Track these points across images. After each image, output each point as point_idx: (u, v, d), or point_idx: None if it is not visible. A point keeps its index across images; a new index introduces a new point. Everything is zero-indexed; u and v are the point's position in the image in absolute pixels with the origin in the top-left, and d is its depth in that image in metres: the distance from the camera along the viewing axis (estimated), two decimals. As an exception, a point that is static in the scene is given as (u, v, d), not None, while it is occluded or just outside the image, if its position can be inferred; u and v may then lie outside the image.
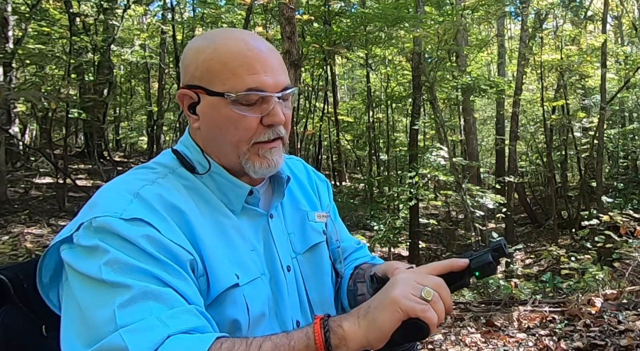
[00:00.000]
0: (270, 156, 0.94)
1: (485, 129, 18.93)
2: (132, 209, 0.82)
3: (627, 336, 2.91)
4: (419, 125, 10.26)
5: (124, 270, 0.76)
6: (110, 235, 0.79)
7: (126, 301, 0.74)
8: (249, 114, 0.91)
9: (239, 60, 0.90)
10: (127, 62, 13.94)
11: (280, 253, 0.99)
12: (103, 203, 0.84)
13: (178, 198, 0.89)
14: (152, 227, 0.81)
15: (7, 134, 9.10)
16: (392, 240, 8.93)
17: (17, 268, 0.96)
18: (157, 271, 0.78)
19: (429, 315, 0.76)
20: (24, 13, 9.54)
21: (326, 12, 10.21)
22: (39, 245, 6.66)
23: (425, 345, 3.24)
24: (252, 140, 0.92)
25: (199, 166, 0.95)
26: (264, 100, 0.91)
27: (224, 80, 0.90)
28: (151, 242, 0.80)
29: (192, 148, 0.97)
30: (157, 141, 13.28)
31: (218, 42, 0.93)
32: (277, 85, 0.92)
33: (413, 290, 0.78)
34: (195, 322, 0.77)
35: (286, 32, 5.45)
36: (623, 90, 12.48)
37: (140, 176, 0.91)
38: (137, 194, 0.85)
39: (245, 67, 0.90)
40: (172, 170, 0.94)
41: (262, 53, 0.92)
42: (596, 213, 5.81)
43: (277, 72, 0.93)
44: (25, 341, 0.92)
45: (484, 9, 10.23)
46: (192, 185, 0.94)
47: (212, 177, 0.96)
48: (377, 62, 13.40)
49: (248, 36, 0.96)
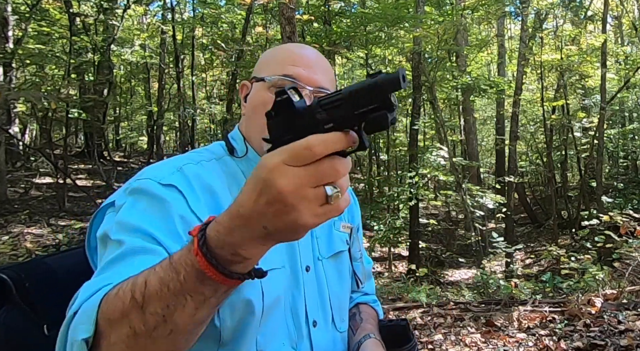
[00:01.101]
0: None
1: (485, 129, 18.92)
2: (171, 178, 0.89)
3: (627, 336, 2.91)
4: (419, 125, 10.25)
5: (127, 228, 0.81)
6: (142, 194, 0.86)
7: (116, 257, 0.77)
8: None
9: (286, 54, 1.05)
10: (127, 62, 13.95)
11: (301, 252, 1.01)
12: (149, 171, 0.92)
13: (215, 182, 0.94)
14: (183, 197, 0.87)
15: (7, 134, 9.10)
16: (392, 240, 8.94)
17: (19, 267, 0.96)
18: (157, 232, 0.81)
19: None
20: (24, 13, 9.55)
21: (326, 12, 10.21)
22: (39, 245, 6.66)
23: (425, 345, 3.24)
24: None
25: (239, 152, 1.03)
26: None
27: (269, 68, 1.03)
28: (172, 207, 0.84)
29: (237, 138, 1.06)
30: (157, 141, 13.28)
31: (280, 46, 1.13)
32: (312, 80, 1.00)
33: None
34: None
35: (286, 32, 5.46)
36: (623, 90, 12.48)
37: (188, 156, 1.00)
38: (180, 168, 0.92)
39: (288, 60, 1.02)
40: (218, 157, 1.02)
41: (309, 54, 1.05)
42: (596, 213, 5.82)
43: (316, 72, 1.02)
44: (27, 341, 0.92)
45: (484, 9, 10.24)
46: (232, 171, 1.00)
47: (251, 165, 1.00)
48: (377, 62, 13.39)
49: (305, 46, 1.12)
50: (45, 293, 0.96)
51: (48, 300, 0.95)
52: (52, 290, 0.96)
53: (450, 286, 6.86)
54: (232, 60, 11.25)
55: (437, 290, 5.67)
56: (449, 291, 5.74)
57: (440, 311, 3.89)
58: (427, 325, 3.62)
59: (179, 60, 12.48)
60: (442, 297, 4.90)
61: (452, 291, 5.76)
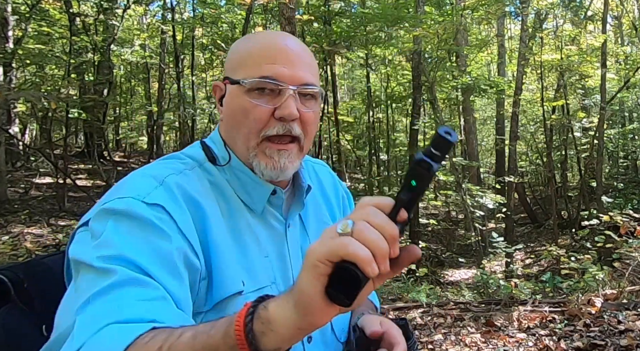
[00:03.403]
0: (278, 158, 0.91)
1: (485, 129, 18.92)
2: (155, 195, 0.82)
3: (627, 336, 2.91)
4: (419, 125, 10.25)
5: (113, 257, 0.74)
6: (125, 216, 0.78)
7: (105, 288, 0.71)
8: (261, 104, 0.89)
9: (262, 51, 0.92)
10: (127, 62, 13.94)
11: (293, 266, 0.96)
12: (130, 186, 0.84)
13: (200, 193, 0.88)
14: (170, 216, 0.80)
15: (7, 134, 9.10)
16: (392, 240, 8.91)
17: (18, 268, 0.96)
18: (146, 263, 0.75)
19: (352, 248, 0.56)
20: (24, 13, 9.54)
21: (326, 12, 10.20)
22: (39, 245, 6.66)
23: (425, 345, 3.24)
24: (262, 133, 0.90)
25: (221, 159, 0.95)
26: (280, 93, 0.90)
27: (244, 69, 0.91)
28: (159, 232, 0.78)
29: (217, 142, 0.97)
30: (157, 141, 13.28)
31: (252, 37, 0.99)
32: (295, 78, 0.90)
33: (330, 233, 0.60)
34: (159, 316, 0.70)
35: (286, 32, 5.45)
36: (623, 90, 12.48)
37: (169, 165, 0.91)
38: (163, 182, 0.85)
39: (265, 57, 0.91)
40: (200, 163, 0.94)
41: (287, 47, 0.93)
42: (596, 213, 5.81)
43: (299, 67, 0.91)
44: (25, 342, 0.92)
45: (484, 9, 10.23)
46: (216, 180, 0.93)
47: (235, 173, 0.94)
48: (377, 62, 13.38)
49: (282, 34, 0.99)
50: (45, 293, 0.96)
51: (47, 300, 0.95)
52: (51, 291, 0.95)
53: (450, 286, 6.86)
54: (232, 60, 11.21)
55: (437, 290, 5.67)
56: (449, 291, 5.73)
57: (440, 311, 3.89)
58: (427, 325, 3.62)
59: (179, 60, 12.48)
60: (442, 297, 4.90)
61: (452, 291, 5.76)
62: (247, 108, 0.90)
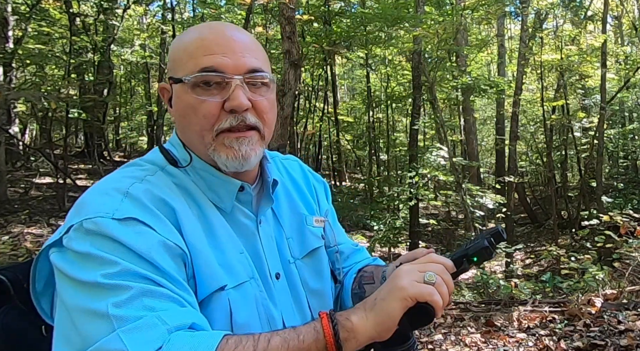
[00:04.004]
0: (238, 146, 0.87)
1: (485, 129, 18.92)
2: (123, 208, 0.78)
3: (627, 336, 2.91)
4: (419, 125, 10.25)
5: (118, 273, 0.73)
6: (102, 238, 0.75)
7: (123, 301, 0.71)
8: (208, 99, 0.86)
9: (197, 43, 0.87)
10: (127, 62, 13.95)
11: (268, 260, 0.95)
12: (92, 204, 0.80)
13: (169, 195, 0.85)
14: (148, 227, 0.78)
15: (7, 134, 9.09)
16: (392, 240, 8.93)
17: (17, 268, 0.96)
18: (153, 274, 0.75)
19: (436, 298, 0.78)
20: (24, 13, 9.54)
21: (326, 12, 10.21)
22: (39, 245, 6.65)
23: (425, 345, 3.24)
24: (215, 127, 0.87)
25: (182, 161, 0.91)
26: (226, 84, 0.86)
27: (183, 65, 0.87)
28: (147, 244, 0.77)
29: (177, 144, 0.94)
30: (157, 141, 13.27)
31: (188, 31, 0.93)
32: (239, 67, 0.86)
33: (417, 277, 0.80)
34: (197, 320, 0.75)
35: (286, 32, 5.45)
36: (623, 90, 12.48)
37: (129, 174, 0.87)
38: (127, 193, 0.81)
39: (201, 49, 0.86)
40: (162, 167, 0.91)
41: (224, 35, 0.88)
42: (596, 213, 5.81)
43: (241, 54, 0.87)
44: (25, 342, 0.92)
45: (484, 9, 10.22)
46: (181, 182, 0.90)
47: (199, 173, 0.91)
48: (377, 62, 13.39)
49: (215, 23, 0.95)
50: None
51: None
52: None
53: (450, 287, 6.84)
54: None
55: (437, 290, 5.66)
56: (449, 291, 5.72)
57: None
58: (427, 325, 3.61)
59: (179, 60, 12.46)
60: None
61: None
62: (194, 106, 0.86)
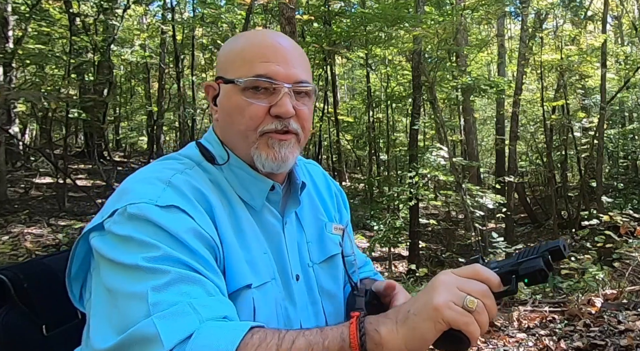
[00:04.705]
0: (279, 148, 0.92)
1: (485, 129, 18.92)
2: (166, 196, 0.82)
3: (627, 336, 2.91)
4: (419, 125, 10.24)
5: (159, 258, 0.75)
6: (145, 222, 0.78)
7: (161, 285, 0.73)
8: (256, 102, 0.91)
9: (254, 49, 0.93)
10: (127, 62, 13.95)
11: (291, 261, 0.97)
12: (136, 191, 0.83)
13: (206, 189, 0.89)
14: (187, 215, 0.81)
15: (7, 134, 9.09)
16: (392, 240, 8.93)
17: (18, 268, 0.96)
18: (191, 261, 0.77)
19: (472, 328, 0.70)
20: (24, 13, 9.54)
21: (326, 12, 10.21)
22: (39, 245, 6.66)
23: (425, 345, 3.23)
24: (260, 129, 0.91)
25: (219, 158, 0.95)
26: (275, 91, 0.91)
27: (237, 68, 0.92)
28: (187, 231, 0.79)
29: (214, 142, 0.98)
30: (157, 141, 13.29)
31: (242, 36, 1.01)
32: (290, 76, 0.92)
33: (456, 298, 0.71)
34: (228, 311, 0.76)
35: (286, 32, 5.46)
36: (623, 90, 12.47)
37: (169, 166, 0.91)
38: (169, 182, 0.85)
39: (258, 56, 0.92)
40: (198, 163, 0.94)
41: (279, 45, 0.94)
42: (596, 213, 5.81)
43: (292, 65, 0.93)
44: (26, 341, 0.92)
45: (484, 9, 10.23)
46: (215, 179, 0.93)
47: (233, 171, 0.95)
48: (377, 62, 13.39)
49: (272, 32, 1.02)
50: (45, 293, 0.96)
51: (47, 300, 0.95)
52: (51, 291, 0.95)
53: (450, 287, 6.84)
54: (232, 60, 11.21)
55: (437, 290, 5.65)
56: (449, 292, 5.72)
57: (440, 312, 3.88)
58: None
59: (179, 60, 12.48)
60: (442, 297, 4.88)
61: (452, 291, 5.74)
62: (242, 107, 0.91)
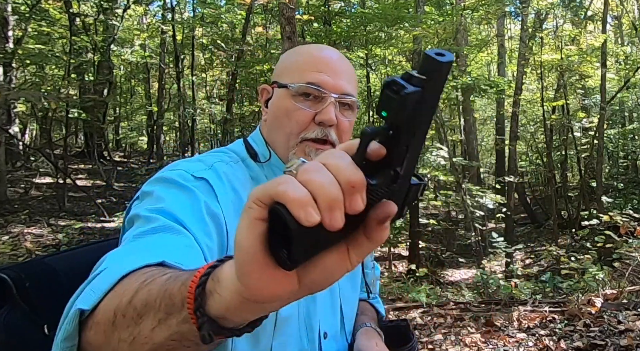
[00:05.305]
0: (314, 157, 0.94)
1: (485, 129, 18.92)
2: (204, 173, 0.92)
3: (627, 336, 2.91)
4: (419, 125, 10.22)
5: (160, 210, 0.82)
6: (173, 183, 0.88)
7: (147, 231, 0.78)
8: (304, 108, 0.98)
9: (310, 59, 1.02)
10: (127, 62, 13.96)
11: None
12: (181, 164, 0.94)
13: (242, 185, 0.96)
14: (212, 190, 0.89)
15: (7, 134, 9.09)
16: (392, 240, 8.93)
17: (19, 267, 0.96)
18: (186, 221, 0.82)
19: (282, 187, 0.42)
20: (24, 13, 9.55)
21: (326, 12, 10.20)
22: (39, 245, 6.66)
23: (426, 345, 3.24)
24: (302, 134, 0.98)
25: (261, 157, 1.02)
26: (322, 99, 0.98)
27: (291, 74, 1.01)
28: (203, 202, 0.86)
29: (259, 140, 1.05)
30: (157, 141, 13.29)
31: (303, 48, 1.10)
32: (337, 87, 0.98)
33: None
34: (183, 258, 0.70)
35: (286, 32, 5.46)
36: (623, 90, 12.47)
37: (217, 156, 1.01)
38: (212, 166, 0.95)
39: (311, 65, 1.00)
40: (243, 159, 1.02)
41: (331, 58, 1.02)
42: (596, 213, 5.82)
43: (340, 77, 1.00)
44: (27, 341, 0.92)
45: (484, 9, 10.23)
46: (256, 175, 1.01)
47: (273, 170, 1.02)
48: (377, 62, 13.39)
49: (328, 47, 1.09)
50: (46, 293, 0.96)
51: (48, 300, 0.95)
52: (52, 290, 0.96)
53: (450, 286, 6.86)
54: (232, 60, 11.24)
55: (437, 290, 5.67)
56: (449, 291, 5.74)
57: (440, 311, 3.89)
58: (427, 325, 3.62)
59: (179, 60, 12.48)
60: (442, 297, 4.90)
61: (452, 291, 5.76)
62: (290, 110, 0.98)
